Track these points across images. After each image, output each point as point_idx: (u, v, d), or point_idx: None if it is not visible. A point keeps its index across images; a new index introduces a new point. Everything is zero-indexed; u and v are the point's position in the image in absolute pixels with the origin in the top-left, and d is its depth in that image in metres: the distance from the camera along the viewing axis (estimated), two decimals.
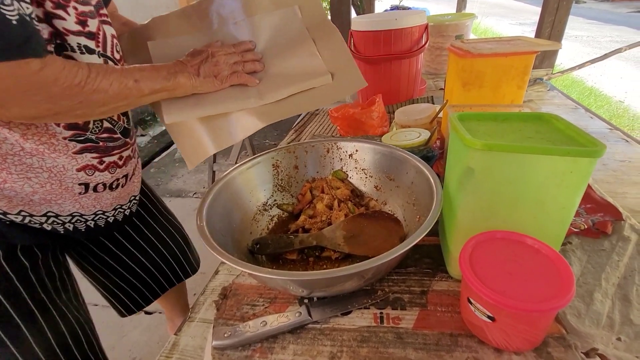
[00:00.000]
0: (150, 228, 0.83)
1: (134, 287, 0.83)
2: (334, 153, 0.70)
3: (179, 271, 0.91)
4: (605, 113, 3.00)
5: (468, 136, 0.39)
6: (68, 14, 0.44)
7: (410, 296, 0.48)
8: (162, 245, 0.86)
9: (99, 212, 0.63)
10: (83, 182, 0.56)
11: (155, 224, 0.85)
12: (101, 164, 0.57)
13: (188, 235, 0.98)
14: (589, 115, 1.15)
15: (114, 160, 0.59)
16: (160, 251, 0.85)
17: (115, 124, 0.59)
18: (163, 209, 0.90)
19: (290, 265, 0.56)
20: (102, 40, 0.50)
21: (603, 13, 8.07)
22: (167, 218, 0.90)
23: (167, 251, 0.87)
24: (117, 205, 0.67)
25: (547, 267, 0.38)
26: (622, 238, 0.53)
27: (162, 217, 0.88)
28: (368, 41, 1.12)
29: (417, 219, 0.54)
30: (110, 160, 0.59)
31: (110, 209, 0.65)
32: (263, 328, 0.44)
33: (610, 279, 0.47)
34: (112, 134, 0.58)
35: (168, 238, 0.88)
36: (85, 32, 0.47)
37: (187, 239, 0.97)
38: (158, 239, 0.85)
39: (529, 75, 0.69)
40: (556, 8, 1.40)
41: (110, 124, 0.58)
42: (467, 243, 0.42)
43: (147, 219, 0.82)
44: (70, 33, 0.45)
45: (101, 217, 0.65)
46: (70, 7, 0.45)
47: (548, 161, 0.37)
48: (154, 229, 0.84)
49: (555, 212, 0.40)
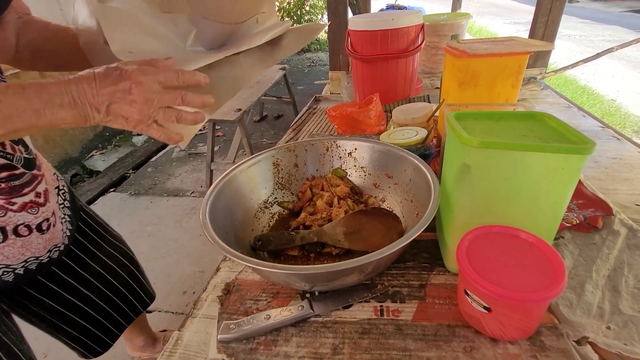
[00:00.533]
0: (95, 258, 0.72)
1: (86, 331, 0.72)
2: (333, 151, 0.71)
3: (134, 302, 0.82)
4: (597, 111, 3.05)
5: (465, 134, 0.41)
6: None
7: (409, 290, 0.50)
8: (111, 276, 0.75)
9: (31, 259, 0.55)
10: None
11: (100, 252, 0.74)
12: (11, 204, 0.48)
13: (138, 261, 0.87)
14: (581, 114, 1.17)
15: (30, 199, 0.50)
16: (110, 283, 0.75)
17: (12, 156, 0.48)
18: (108, 235, 0.79)
19: (292, 261, 0.57)
20: None
21: (596, 12, 8.16)
22: (113, 244, 0.79)
23: (118, 281, 0.77)
24: (52, 246, 0.58)
25: (541, 259, 0.40)
26: (612, 232, 0.55)
27: (107, 244, 0.77)
28: (365, 41, 1.14)
29: (416, 215, 0.55)
30: (25, 200, 0.50)
31: (44, 253, 0.57)
32: (267, 322, 0.45)
33: (600, 271, 0.49)
34: (13, 170, 0.48)
35: (117, 266, 0.77)
36: None
37: (137, 264, 0.86)
38: (106, 269, 0.74)
39: (522, 74, 0.70)
40: (549, 8, 1.42)
41: (5, 158, 0.47)
42: (464, 237, 0.43)
43: (90, 249, 0.71)
44: None
45: (33, 262, 0.56)
46: None
47: (541, 158, 0.38)
48: (99, 259, 0.73)
49: (547, 207, 0.42)
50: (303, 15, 6.20)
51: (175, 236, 1.85)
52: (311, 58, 5.74)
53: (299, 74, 4.93)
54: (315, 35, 0.59)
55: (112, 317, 0.77)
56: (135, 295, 0.83)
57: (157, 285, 1.55)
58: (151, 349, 1.19)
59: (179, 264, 1.66)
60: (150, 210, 2.12)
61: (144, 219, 2.03)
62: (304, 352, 0.43)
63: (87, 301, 0.71)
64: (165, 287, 1.53)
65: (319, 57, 5.77)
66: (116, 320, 0.79)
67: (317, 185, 0.68)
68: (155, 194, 2.29)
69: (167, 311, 1.44)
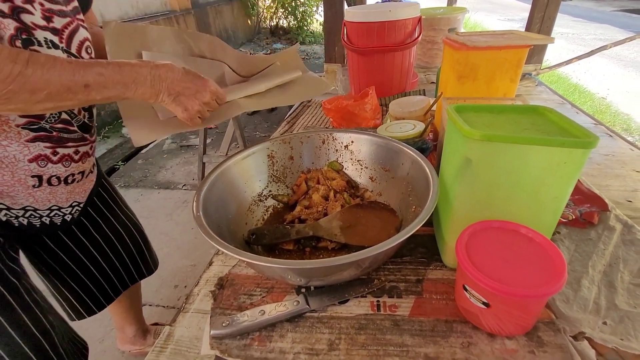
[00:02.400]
0: (108, 223, 0.80)
1: (87, 289, 0.79)
2: (330, 144, 0.70)
3: (133, 271, 0.88)
4: (588, 109, 3.09)
5: (467, 127, 0.40)
6: (34, 8, 0.46)
7: (406, 284, 0.49)
8: (119, 243, 0.83)
9: (55, 208, 0.62)
10: (36, 174, 0.55)
11: (115, 219, 0.82)
12: (55, 154, 0.56)
13: (146, 235, 0.95)
14: (574, 111, 1.18)
15: (68, 153, 0.58)
16: (117, 249, 0.82)
17: (74, 117, 0.57)
18: (123, 205, 0.87)
19: (287, 256, 0.56)
20: (66, 38, 0.50)
21: (588, 11, 8.24)
22: (127, 214, 0.87)
23: (124, 249, 0.84)
24: (73, 201, 0.65)
25: (541, 254, 0.39)
26: (607, 228, 0.55)
27: (121, 212, 0.85)
28: (361, 32, 1.12)
29: (413, 209, 0.54)
30: (65, 152, 0.57)
31: (66, 205, 0.63)
32: (261, 317, 0.44)
33: (596, 266, 0.49)
34: (69, 125, 0.57)
35: (126, 235, 0.85)
36: (50, 27, 0.48)
37: (145, 237, 0.94)
38: (116, 235, 0.82)
39: (521, 68, 0.70)
40: (546, 4, 1.42)
41: (69, 116, 0.56)
42: (464, 232, 0.42)
43: (106, 214, 0.79)
44: (38, 27, 0.46)
45: (57, 214, 0.63)
46: (36, 3, 0.46)
47: (544, 152, 0.38)
48: (112, 225, 0.81)
49: (548, 201, 0.41)
50: (297, 7, 6.12)
51: (167, 229, 1.82)
52: (305, 51, 5.69)
53: None
54: (318, 93, 0.76)
55: (111, 281, 0.83)
56: (135, 265, 0.89)
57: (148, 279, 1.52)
58: (141, 341, 1.17)
59: (170, 257, 1.64)
60: (141, 203, 2.08)
61: (134, 211, 1.98)
62: (299, 348, 0.42)
63: (94, 261, 0.77)
64: (156, 280, 1.51)
65: (314, 50, 5.72)
66: (114, 284, 0.84)
67: (313, 178, 0.67)
68: (145, 187, 2.25)
69: (158, 305, 1.42)
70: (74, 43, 0.52)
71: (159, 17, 3.80)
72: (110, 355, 1.23)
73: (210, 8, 4.95)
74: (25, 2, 0.44)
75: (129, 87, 0.47)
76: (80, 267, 0.75)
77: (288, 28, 6.48)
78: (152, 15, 3.84)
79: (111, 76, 0.45)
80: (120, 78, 0.46)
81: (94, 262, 0.78)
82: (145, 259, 0.92)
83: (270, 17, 6.50)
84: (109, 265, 0.81)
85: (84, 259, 0.75)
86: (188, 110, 0.53)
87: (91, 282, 0.78)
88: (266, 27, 6.72)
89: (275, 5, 6.23)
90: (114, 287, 0.84)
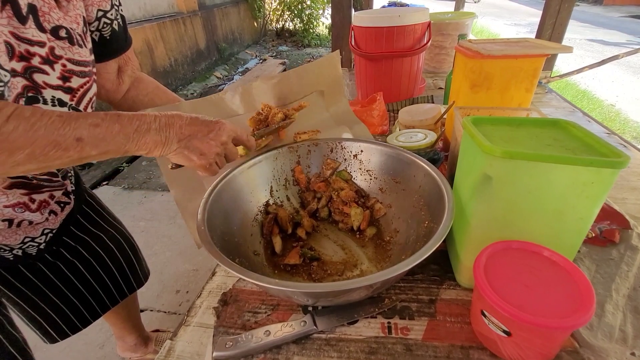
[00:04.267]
0: (95, 238, 0.76)
1: (73, 306, 0.73)
2: (338, 153, 0.67)
3: (123, 286, 0.84)
4: (597, 116, 3.04)
5: (487, 143, 0.37)
6: (54, 69, 0.43)
7: (418, 305, 0.47)
8: (108, 257, 0.78)
9: (28, 240, 0.58)
10: (7, 219, 0.52)
11: (102, 233, 0.78)
12: (32, 202, 0.53)
13: (137, 246, 0.90)
14: (586, 119, 1.15)
15: (44, 198, 0.55)
16: (106, 263, 0.78)
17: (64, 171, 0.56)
18: (109, 217, 0.82)
19: (293, 271, 0.54)
20: (78, 96, 0.48)
21: (595, 16, 8.18)
22: (114, 226, 0.82)
23: (114, 263, 0.80)
24: (44, 228, 0.61)
25: (565, 279, 0.37)
26: (630, 247, 0.53)
27: (108, 225, 0.80)
28: (369, 37, 1.10)
29: (425, 224, 0.52)
30: (41, 198, 0.54)
31: (38, 234, 0.60)
32: (267, 338, 0.42)
33: (620, 289, 0.46)
34: (53, 176, 0.54)
35: (115, 248, 0.80)
36: (65, 87, 0.45)
37: (135, 249, 0.89)
38: (104, 249, 0.78)
39: (537, 78, 0.67)
40: (558, 10, 1.39)
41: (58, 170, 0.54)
42: (482, 253, 0.40)
43: (90, 229, 0.75)
44: (49, 87, 0.43)
45: (31, 245, 0.60)
46: (58, 64, 0.43)
47: (570, 171, 0.35)
48: (99, 239, 0.76)
49: (572, 222, 0.39)
50: (304, 10, 6.13)
51: (169, 232, 1.81)
52: (311, 53, 5.68)
53: None
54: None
55: (99, 298, 0.79)
56: (125, 279, 0.85)
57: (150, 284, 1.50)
58: (143, 349, 1.15)
59: (172, 261, 1.63)
60: (144, 205, 2.07)
61: (137, 213, 1.98)
62: None
63: (82, 279, 0.73)
64: (157, 285, 1.49)
65: (319, 53, 5.71)
66: (102, 301, 0.80)
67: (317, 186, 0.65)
68: (149, 189, 2.24)
69: (160, 310, 1.40)
70: (84, 101, 0.49)
71: (166, 19, 3.81)
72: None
73: (217, 10, 4.97)
74: (43, 63, 0.41)
75: (131, 137, 0.40)
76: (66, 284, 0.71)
77: (294, 30, 6.49)
78: (159, 16, 3.86)
79: (109, 126, 0.39)
80: (119, 128, 0.39)
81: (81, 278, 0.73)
82: (135, 272, 0.88)
83: (277, 19, 6.51)
84: (98, 280, 0.77)
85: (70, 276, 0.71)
86: (205, 155, 0.46)
87: (77, 298, 0.74)
88: (272, 30, 6.73)
89: (282, 8, 6.24)
90: (101, 302, 0.80)
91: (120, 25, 0.58)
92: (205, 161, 0.46)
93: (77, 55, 0.46)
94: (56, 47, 0.43)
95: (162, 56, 3.75)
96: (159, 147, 0.43)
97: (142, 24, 3.45)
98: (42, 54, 0.41)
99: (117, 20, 0.57)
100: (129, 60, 0.63)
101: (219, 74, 4.64)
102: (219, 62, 4.94)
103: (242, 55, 5.52)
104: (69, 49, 0.44)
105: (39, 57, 0.41)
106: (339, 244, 0.59)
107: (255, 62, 5.25)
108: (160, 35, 3.71)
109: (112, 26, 0.57)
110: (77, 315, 0.75)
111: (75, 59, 0.45)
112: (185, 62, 4.18)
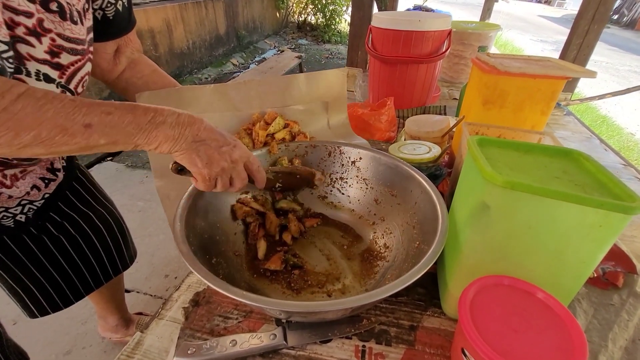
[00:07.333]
0: (83, 216, 0.74)
1: (55, 284, 0.72)
2: (336, 157, 0.65)
3: (109, 267, 0.82)
4: (615, 144, 2.95)
5: (489, 169, 0.34)
6: (40, 42, 0.40)
7: (397, 330, 0.44)
8: (95, 236, 0.77)
9: (1, 210, 0.56)
10: None
11: (91, 211, 0.75)
12: (4, 177, 0.51)
13: (126, 226, 0.89)
14: (603, 147, 1.10)
15: (13, 172, 0.53)
16: (92, 242, 0.76)
17: None
18: (100, 196, 0.81)
19: (272, 277, 0.51)
20: (69, 74, 0.45)
21: (625, 41, 7.95)
22: (105, 205, 0.81)
23: (101, 243, 0.78)
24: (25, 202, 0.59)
25: (557, 328, 0.34)
26: (633, 294, 0.49)
27: (98, 204, 0.78)
28: (387, 40, 1.06)
29: (416, 244, 0.49)
30: (11, 173, 0.52)
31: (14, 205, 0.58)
32: (232, 349, 0.40)
33: (617, 340, 0.43)
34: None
35: (104, 228, 0.79)
36: (53, 62, 0.42)
37: (124, 231, 0.87)
38: (92, 228, 0.76)
39: (555, 101, 0.63)
40: (586, 31, 1.33)
41: None
42: (470, 286, 0.37)
43: (78, 207, 0.73)
44: (33, 59, 0.41)
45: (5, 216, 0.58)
46: (46, 37, 0.41)
47: (576, 210, 0.32)
48: (87, 217, 0.75)
49: (573, 265, 0.36)
50: (327, 5, 6.06)
51: (165, 215, 1.80)
52: (330, 50, 5.63)
53: (316, 64, 4.83)
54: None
55: (84, 278, 0.77)
56: (112, 261, 0.83)
57: (140, 265, 1.50)
58: (123, 331, 1.15)
59: (164, 245, 1.62)
60: (145, 185, 2.07)
61: (137, 193, 1.98)
62: None
63: (67, 257, 0.72)
64: (147, 267, 1.49)
65: (338, 50, 5.66)
66: (87, 282, 0.78)
67: None
68: None
69: (146, 293, 1.39)
70: (75, 79, 0.47)
71: (188, 0, 3.79)
72: (91, 338, 1.21)
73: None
74: (29, 34, 0.39)
75: (143, 129, 0.38)
76: (51, 261, 0.70)
77: (315, 25, 6.43)
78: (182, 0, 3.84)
79: (121, 115, 0.37)
80: (132, 118, 0.38)
81: (66, 256, 0.72)
82: (122, 254, 0.86)
83: (299, 12, 6.46)
84: (83, 260, 0.75)
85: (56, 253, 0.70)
86: (210, 165, 0.43)
87: (61, 277, 0.73)
88: (294, 22, 6.68)
89: (306, 1, 6.18)
90: (85, 283, 0.78)
91: (125, 6, 0.56)
92: (208, 171, 0.44)
93: (69, 31, 0.44)
94: (45, 19, 0.41)
95: (180, 37, 3.74)
96: (170, 142, 0.41)
97: (163, 3, 3.44)
98: (28, 24, 0.39)
99: (121, 1, 0.55)
100: (130, 42, 0.61)
101: (236, 61, 4.62)
102: (236, 49, 4.91)
103: (260, 44, 5.49)
104: (59, 24, 0.42)
105: (24, 27, 0.38)
106: (324, 253, 0.56)
107: (272, 53, 5.22)
108: (181, 16, 3.69)
109: (116, 6, 0.54)
110: (60, 294, 0.74)
111: (65, 35, 0.43)
112: (203, 46, 4.16)
